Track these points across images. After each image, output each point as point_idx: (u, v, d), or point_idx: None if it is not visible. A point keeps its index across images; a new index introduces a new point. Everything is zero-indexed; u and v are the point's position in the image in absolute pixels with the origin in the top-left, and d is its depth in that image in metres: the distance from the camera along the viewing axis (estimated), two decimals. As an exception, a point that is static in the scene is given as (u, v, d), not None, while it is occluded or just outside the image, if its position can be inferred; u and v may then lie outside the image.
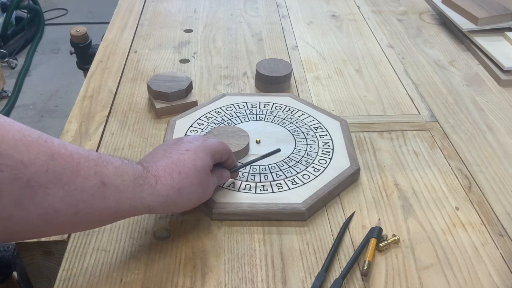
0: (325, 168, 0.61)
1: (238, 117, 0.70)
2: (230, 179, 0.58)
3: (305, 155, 0.63)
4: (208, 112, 0.71)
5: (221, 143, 0.54)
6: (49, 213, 0.38)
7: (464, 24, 0.96)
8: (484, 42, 0.92)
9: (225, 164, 0.56)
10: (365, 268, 0.49)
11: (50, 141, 0.39)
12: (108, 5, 1.67)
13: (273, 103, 0.74)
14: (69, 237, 0.53)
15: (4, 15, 2.56)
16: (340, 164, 0.61)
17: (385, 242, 0.53)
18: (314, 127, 0.68)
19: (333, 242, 0.53)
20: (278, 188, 0.58)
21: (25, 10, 2.70)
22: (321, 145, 0.65)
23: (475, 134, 0.72)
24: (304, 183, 0.58)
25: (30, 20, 2.71)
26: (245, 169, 0.61)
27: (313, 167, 0.61)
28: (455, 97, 0.80)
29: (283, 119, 0.70)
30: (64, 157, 0.39)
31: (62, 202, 0.39)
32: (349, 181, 0.61)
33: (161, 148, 0.52)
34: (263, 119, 0.70)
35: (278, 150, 0.60)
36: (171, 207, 0.48)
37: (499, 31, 0.95)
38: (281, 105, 0.73)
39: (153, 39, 0.96)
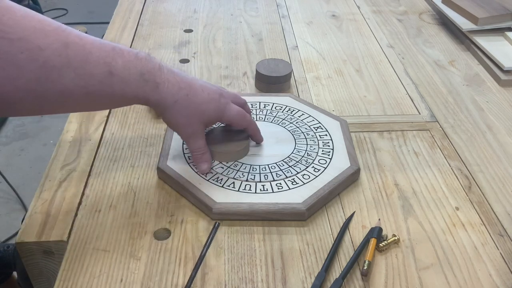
0: (325, 168, 0.61)
1: (238, 117, 0.70)
2: (230, 179, 0.58)
3: (305, 155, 0.63)
4: (208, 112, 0.71)
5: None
6: (64, 91, 0.47)
7: (464, 24, 0.96)
8: (484, 42, 0.92)
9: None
10: (365, 268, 0.49)
11: (68, 31, 0.47)
12: (108, 5, 1.66)
13: (273, 103, 0.74)
14: (69, 237, 0.53)
15: (4, 15, 2.55)
16: (340, 164, 0.61)
17: (385, 242, 0.53)
18: (314, 127, 0.68)
19: (333, 242, 0.53)
20: (278, 188, 0.58)
21: (25, 10, 2.70)
22: (321, 145, 0.65)
23: (475, 134, 0.72)
24: (304, 183, 0.58)
25: (30, 20, 2.71)
26: (245, 168, 0.60)
27: (313, 167, 0.61)
28: (455, 97, 0.80)
29: (283, 119, 0.70)
30: (77, 46, 0.47)
31: (73, 83, 0.47)
32: (349, 181, 0.61)
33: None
34: (263, 119, 0.70)
35: (218, 226, 0.54)
36: (175, 109, 0.54)
37: (499, 31, 0.95)
38: (281, 105, 0.73)
39: (153, 39, 0.96)
